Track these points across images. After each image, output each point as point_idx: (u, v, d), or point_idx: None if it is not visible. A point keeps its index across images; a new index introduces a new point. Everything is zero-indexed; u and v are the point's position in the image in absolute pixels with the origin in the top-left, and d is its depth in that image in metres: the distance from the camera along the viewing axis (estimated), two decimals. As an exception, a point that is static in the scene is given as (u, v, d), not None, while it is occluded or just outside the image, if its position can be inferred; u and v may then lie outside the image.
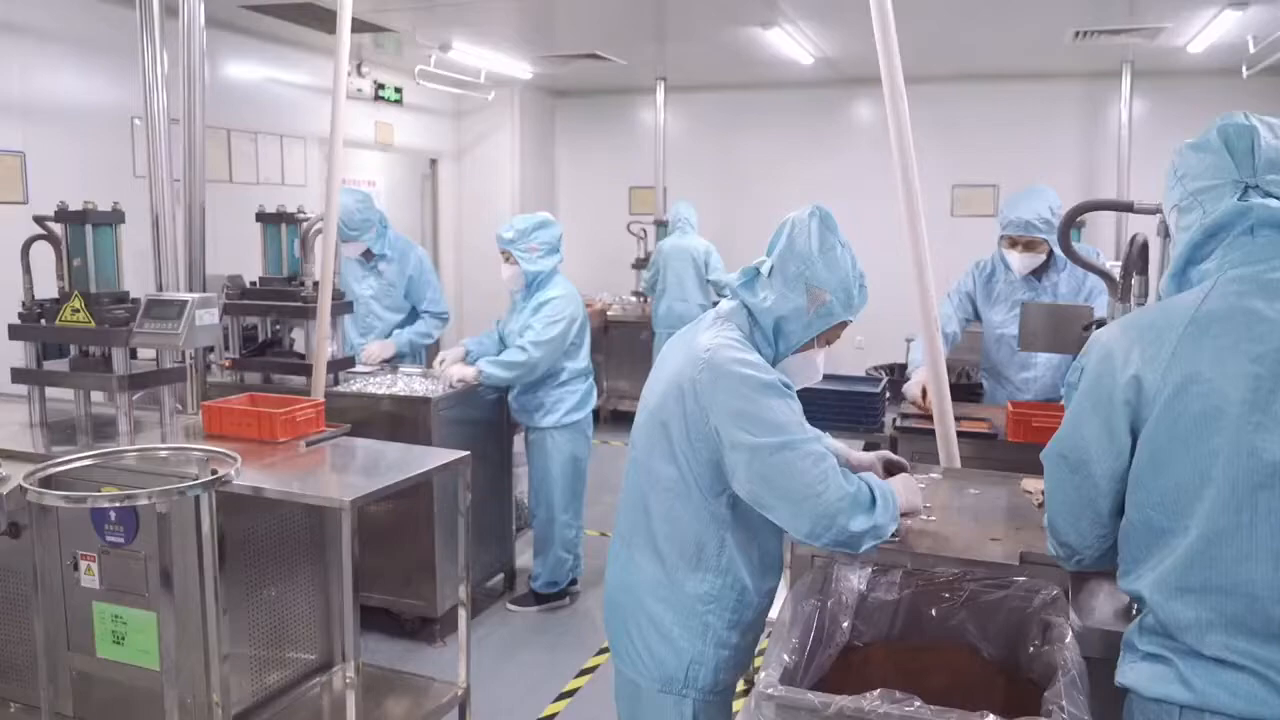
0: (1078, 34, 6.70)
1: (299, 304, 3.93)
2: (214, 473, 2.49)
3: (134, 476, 2.78)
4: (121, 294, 3.37)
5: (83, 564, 2.88)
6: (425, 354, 4.99)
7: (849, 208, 9.27)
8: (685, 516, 2.01)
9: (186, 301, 3.14)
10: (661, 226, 8.62)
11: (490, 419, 4.34)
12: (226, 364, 4.13)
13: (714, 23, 6.58)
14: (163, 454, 2.60)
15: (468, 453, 3.06)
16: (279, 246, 4.10)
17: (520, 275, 4.20)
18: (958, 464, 2.98)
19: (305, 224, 4.02)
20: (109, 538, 2.84)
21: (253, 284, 4.19)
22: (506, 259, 4.21)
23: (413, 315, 4.86)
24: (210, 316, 3.19)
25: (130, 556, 2.83)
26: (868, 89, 9.01)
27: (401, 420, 3.89)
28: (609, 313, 8.44)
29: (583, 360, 4.27)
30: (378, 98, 8.17)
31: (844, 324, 2.13)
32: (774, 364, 2.06)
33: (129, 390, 3.21)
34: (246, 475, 2.64)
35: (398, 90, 8.41)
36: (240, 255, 4.73)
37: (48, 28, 5.35)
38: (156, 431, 3.34)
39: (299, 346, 4.14)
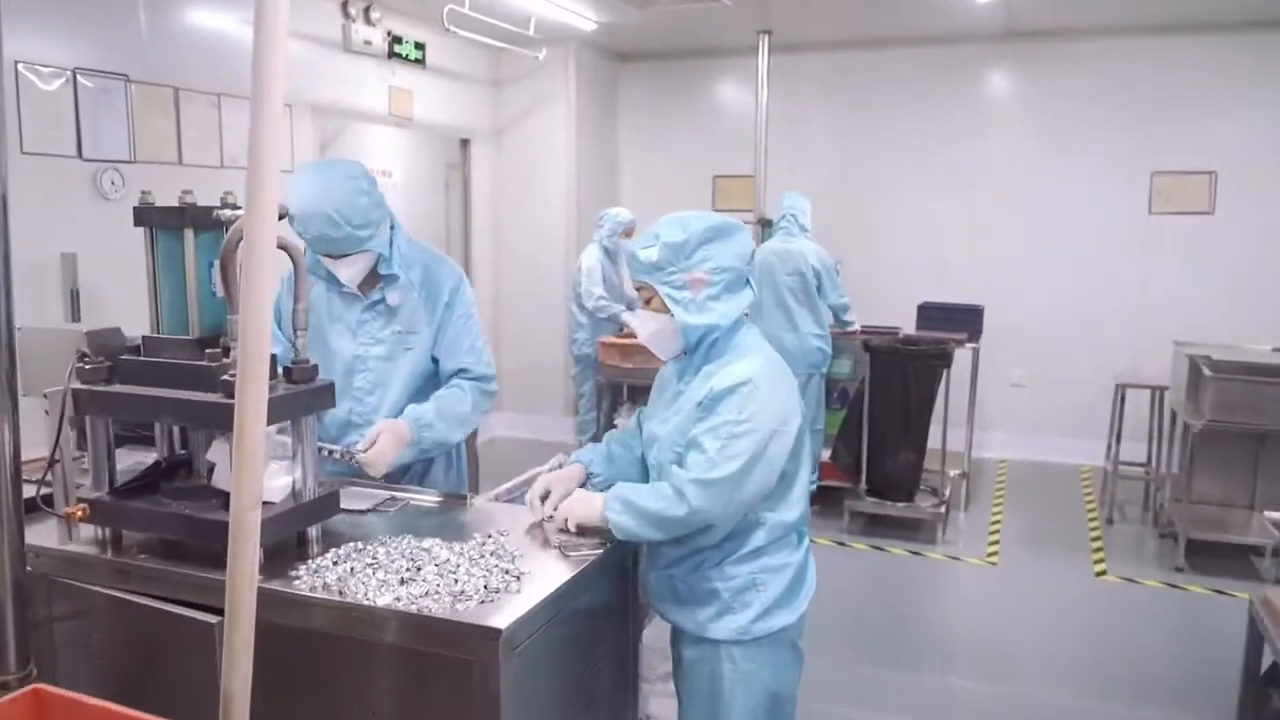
0: None
1: (211, 400, 1.85)
2: None
3: None
4: None
5: None
6: (464, 456, 2.85)
7: (1008, 203, 7.02)
8: None
9: None
10: (765, 226, 6.49)
11: (602, 605, 2.20)
12: (78, 513, 2.02)
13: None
14: None
15: None
16: (179, 276, 1.99)
17: (674, 334, 2.08)
18: None
19: (232, 228, 1.91)
20: None
21: (133, 349, 2.08)
22: (647, 301, 2.09)
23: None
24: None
25: None
26: (1045, 46, 6.79)
27: (433, 670, 1.76)
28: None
29: (795, 503, 2.13)
30: (393, 55, 6.07)
31: None
32: None
33: None
34: None
35: (419, 47, 6.31)
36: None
37: None
38: None
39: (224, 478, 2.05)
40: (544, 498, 2.19)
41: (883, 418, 5.42)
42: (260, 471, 1.50)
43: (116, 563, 2.00)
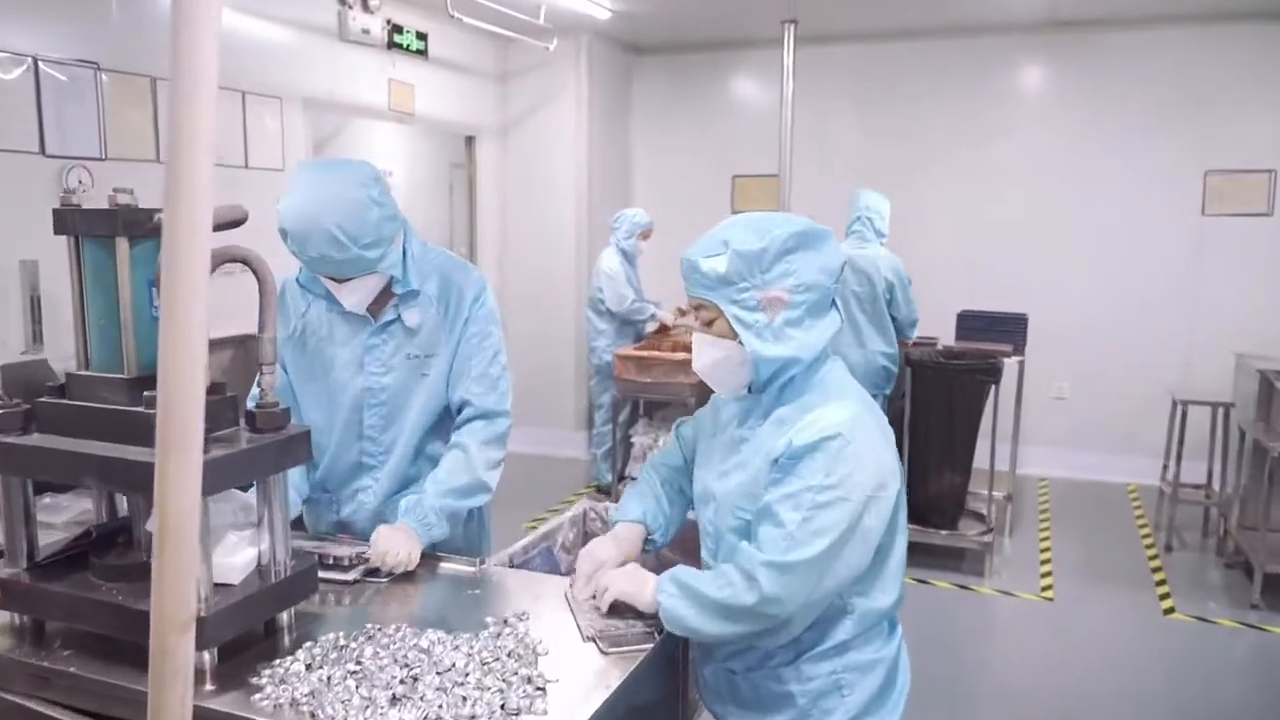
0: None
1: (143, 459, 1.43)
2: None
3: None
4: None
5: None
6: (484, 521, 2.41)
7: (1048, 204, 6.30)
8: None
9: None
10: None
11: (645, 707, 1.76)
12: (-15, 597, 1.60)
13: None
14: None
15: None
16: (111, 296, 1.57)
17: (741, 366, 1.65)
18: None
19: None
20: None
21: (56, 389, 1.66)
22: (708, 322, 1.66)
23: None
24: None
25: None
26: (1088, 36, 6.32)
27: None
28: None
29: (890, 584, 1.69)
30: (393, 45, 5.64)
31: None
32: None
33: None
34: None
35: (421, 36, 5.89)
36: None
37: None
38: None
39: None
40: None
41: (924, 437, 4.99)
42: (192, 577, 1.06)
43: (33, 665, 1.57)
